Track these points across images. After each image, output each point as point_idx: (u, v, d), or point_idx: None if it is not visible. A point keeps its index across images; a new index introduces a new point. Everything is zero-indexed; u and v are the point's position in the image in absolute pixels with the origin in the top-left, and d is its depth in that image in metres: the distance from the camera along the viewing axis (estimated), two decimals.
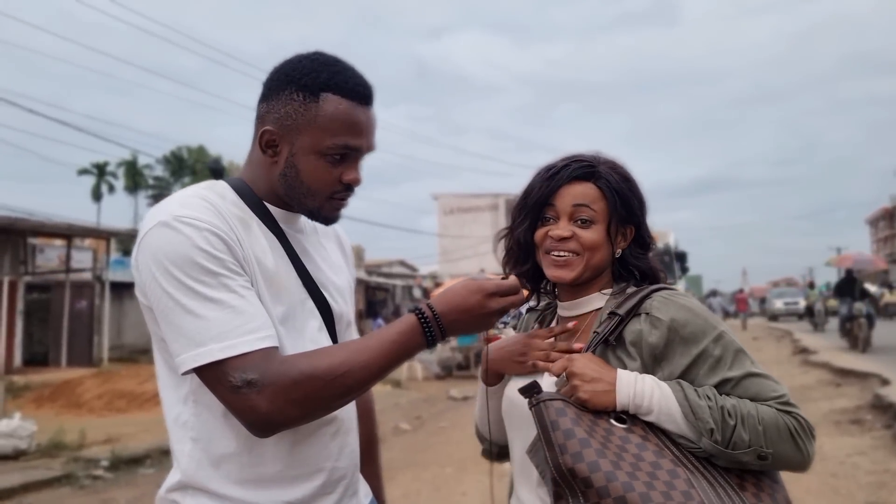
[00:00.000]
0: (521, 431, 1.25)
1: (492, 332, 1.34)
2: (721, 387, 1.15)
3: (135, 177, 50.76)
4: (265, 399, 1.01)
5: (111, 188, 53.46)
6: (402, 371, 13.36)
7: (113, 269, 17.03)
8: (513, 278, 1.21)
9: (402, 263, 33.74)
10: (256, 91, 1.23)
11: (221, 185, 1.22)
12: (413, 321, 1.12)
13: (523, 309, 1.48)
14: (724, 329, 1.19)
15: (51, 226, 15.16)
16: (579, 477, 1.03)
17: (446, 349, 14.79)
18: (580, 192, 1.25)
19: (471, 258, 30.74)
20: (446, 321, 1.12)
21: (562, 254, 1.25)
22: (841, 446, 6.21)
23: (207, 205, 1.12)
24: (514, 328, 1.54)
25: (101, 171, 51.87)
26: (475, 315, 1.13)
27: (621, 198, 1.26)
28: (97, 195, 52.40)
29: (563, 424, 1.07)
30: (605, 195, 1.25)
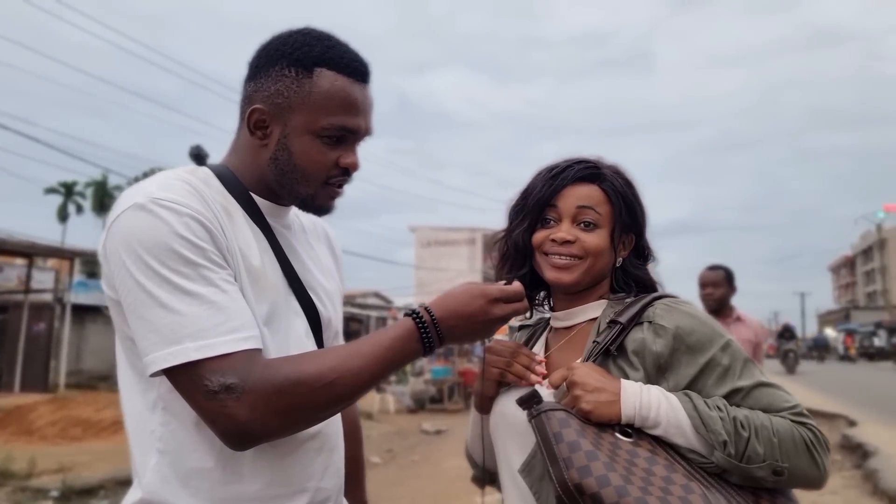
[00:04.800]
0: (513, 448, 1.16)
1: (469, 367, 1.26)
2: (731, 397, 1.08)
3: (103, 198, 49.97)
4: (245, 407, 0.90)
5: (79, 208, 52.34)
6: (373, 403, 13.10)
7: (76, 291, 16.52)
8: (517, 284, 1.11)
9: (377, 295, 33.54)
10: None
11: (204, 171, 1.10)
12: (410, 326, 1.02)
13: (514, 324, 1.40)
14: (730, 338, 1.13)
15: (12, 243, 14.68)
16: (587, 493, 0.93)
17: (419, 382, 14.56)
18: (585, 194, 1.19)
19: None
20: (445, 327, 1.03)
21: (563, 257, 1.17)
22: None
23: (190, 188, 1.01)
24: None
25: (68, 190, 50.93)
26: (477, 322, 1.04)
27: (626, 203, 1.21)
28: (63, 215, 51.35)
29: (568, 436, 0.98)
30: (611, 199, 1.19)
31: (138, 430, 1.03)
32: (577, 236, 1.17)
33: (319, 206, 1.13)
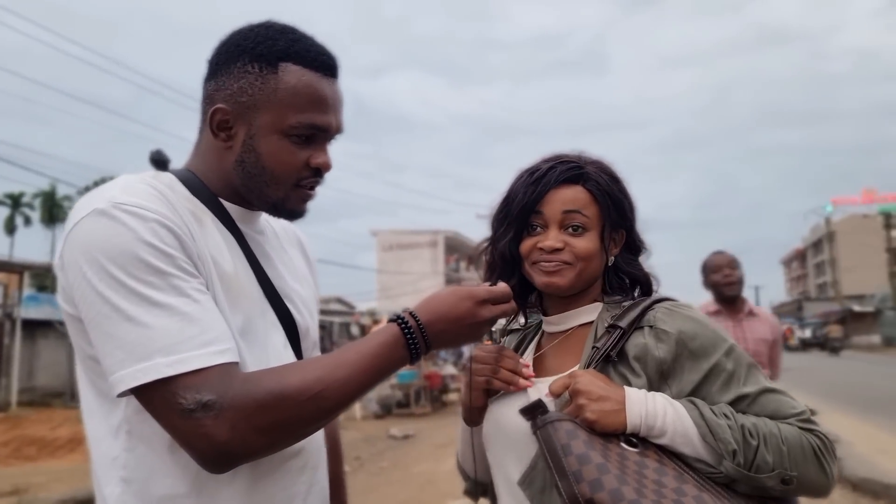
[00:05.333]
0: (510, 459, 1.12)
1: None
2: (736, 404, 1.05)
3: (52, 208, 48.32)
4: (224, 425, 0.84)
5: (27, 220, 50.47)
6: None
7: (26, 305, 15.89)
8: (503, 284, 1.08)
9: (340, 300, 33.22)
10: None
11: (168, 176, 1.04)
12: (395, 332, 0.97)
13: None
14: (733, 342, 1.10)
15: None
16: None
17: (385, 386, 14.48)
18: (570, 197, 1.15)
19: (410, 294, 30.70)
20: (432, 332, 0.98)
21: (552, 262, 1.14)
22: None
23: (155, 192, 0.95)
24: (455, 365, 1.43)
25: (15, 202, 49.13)
26: (464, 325, 1.00)
27: (613, 201, 1.17)
28: (11, 228, 49.51)
29: (576, 448, 0.94)
30: (597, 199, 1.15)
31: (100, 457, 0.96)
32: (565, 242, 1.14)
33: (291, 209, 1.07)
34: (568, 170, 1.16)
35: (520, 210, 1.16)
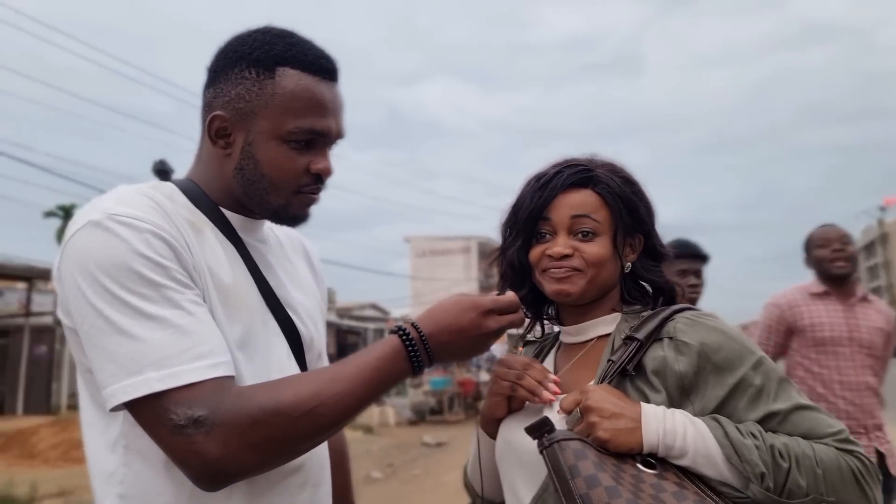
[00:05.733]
0: (521, 480, 1.07)
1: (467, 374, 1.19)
2: (766, 422, 0.97)
3: None
4: (216, 442, 0.81)
5: None
6: (373, 416, 13.05)
7: None
8: (511, 294, 1.03)
9: (374, 307, 33.43)
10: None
11: (168, 186, 1.03)
12: (396, 344, 0.93)
13: (496, 351, 1.30)
14: (762, 354, 1.02)
15: (10, 268, 14.66)
16: None
17: (419, 393, 14.52)
18: (578, 201, 1.10)
19: None
20: (435, 344, 0.94)
21: (562, 269, 1.09)
22: None
23: (151, 203, 0.93)
24: (489, 371, 1.38)
25: (66, 213, 50.75)
26: (469, 336, 0.96)
27: (626, 203, 1.11)
28: (62, 238, 51.08)
29: (585, 469, 0.88)
30: (608, 202, 1.10)
31: (98, 472, 0.94)
32: (574, 248, 1.08)
33: (293, 215, 1.05)
34: (575, 173, 1.11)
35: (527, 217, 1.11)
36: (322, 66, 1.02)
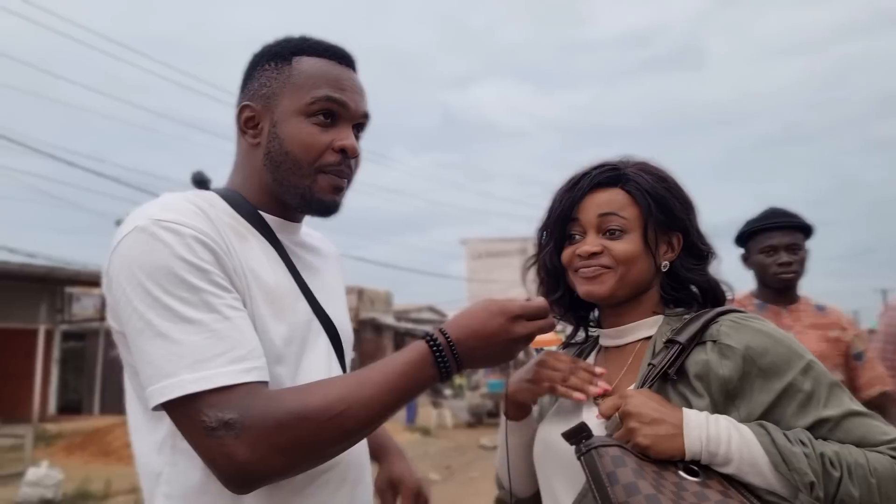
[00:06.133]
0: (561, 483, 1.05)
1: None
2: (816, 429, 0.93)
3: None
4: (245, 445, 0.82)
5: None
6: (431, 418, 13.09)
7: None
8: (540, 299, 1.01)
9: (431, 309, 33.61)
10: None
11: (209, 194, 1.05)
12: (423, 350, 0.93)
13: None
14: (812, 358, 0.98)
15: (87, 274, 15.43)
16: None
17: (476, 396, 14.50)
18: (605, 200, 1.10)
19: None
20: (463, 349, 0.93)
21: (591, 267, 1.09)
22: None
23: (195, 209, 0.96)
24: None
25: None
26: (497, 342, 0.94)
27: (656, 200, 1.09)
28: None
29: (624, 477, 0.85)
30: (636, 199, 1.09)
31: (147, 473, 0.96)
32: (603, 246, 1.08)
33: (320, 199, 1.05)
34: (602, 173, 1.11)
35: (557, 218, 1.13)
36: (336, 52, 1.07)
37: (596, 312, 1.21)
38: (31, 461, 8.06)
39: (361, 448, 1.10)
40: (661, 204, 1.09)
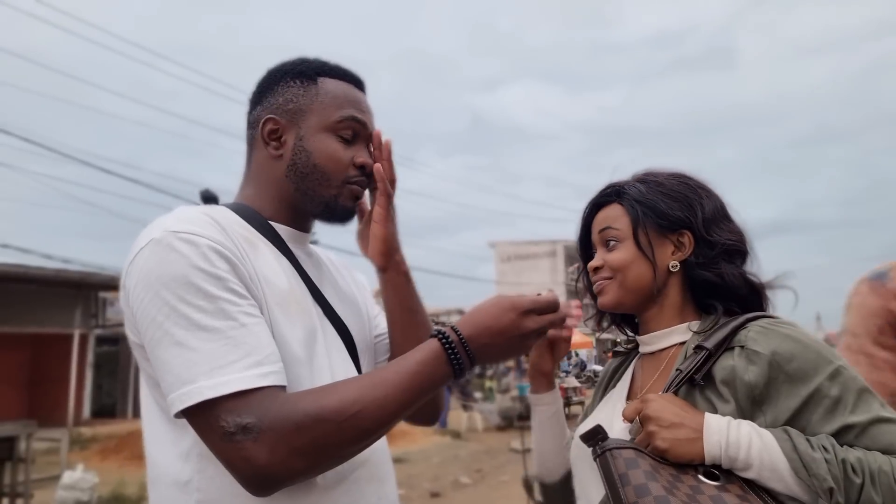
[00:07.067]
0: (593, 483, 1.06)
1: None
2: (842, 435, 0.93)
3: None
4: (264, 448, 0.84)
5: None
6: (461, 422, 13.03)
7: None
8: (551, 293, 1.04)
9: (461, 312, 33.67)
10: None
11: (220, 208, 1.08)
12: (436, 347, 0.94)
13: (584, 356, 1.33)
14: (842, 363, 0.97)
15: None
16: None
17: (506, 399, 14.40)
18: (603, 216, 1.18)
19: None
20: (475, 345, 0.95)
21: (597, 281, 1.17)
22: None
23: (209, 220, 0.98)
24: (578, 377, 1.43)
25: None
26: (509, 337, 0.96)
27: (645, 204, 1.13)
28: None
29: (635, 478, 0.88)
30: (628, 210, 1.15)
31: (170, 483, 0.97)
32: (604, 259, 1.16)
33: (342, 206, 1.12)
34: (601, 194, 1.20)
35: (579, 243, 1.25)
36: (354, 77, 1.16)
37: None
38: (66, 465, 8.18)
39: (385, 446, 1.14)
40: (651, 207, 1.12)
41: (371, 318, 1.28)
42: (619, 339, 1.32)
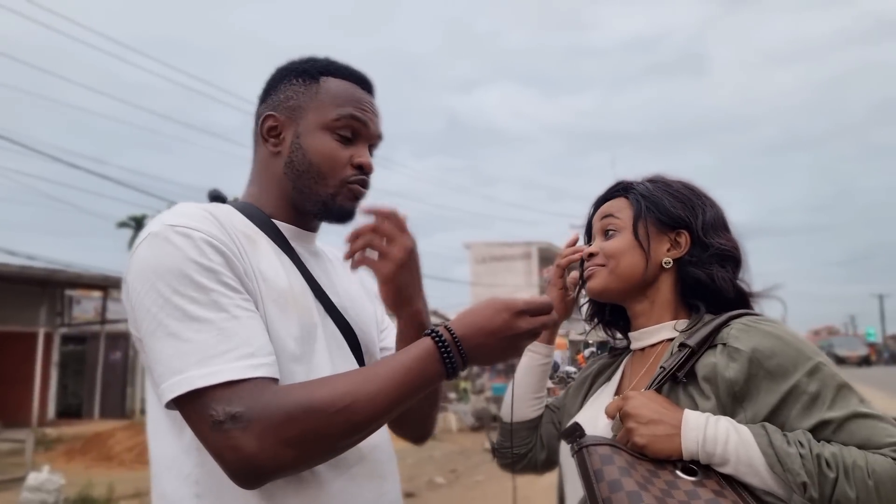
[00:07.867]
0: (579, 486, 1.04)
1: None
2: (819, 431, 0.94)
3: None
4: (252, 437, 0.84)
5: None
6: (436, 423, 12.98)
7: None
8: (545, 296, 1.06)
9: (435, 313, 33.63)
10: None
11: (224, 206, 1.08)
12: (429, 346, 0.94)
13: (558, 358, 1.39)
14: (821, 360, 0.98)
15: (87, 277, 15.42)
16: None
17: (481, 399, 14.43)
18: (607, 207, 1.21)
19: None
20: (468, 346, 0.94)
21: (589, 267, 1.19)
22: None
23: (207, 215, 0.99)
24: (551, 378, 1.44)
25: (138, 223, 53.44)
26: (502, 337, 0.95)
27: (650, 200, 1.16)
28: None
29: (609, 474, 0.89)
30: (632, 202, 1.17)
31: (171, 477, 0.97)
32: (600, 246, 1.17)
33: (341, 206, 1.10)
34: (612, 189, 1.22)
35: (585, 234, 1.28)
36: (359, 76, 1.14)
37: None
38: (31, 466, 7.97)
39: (388, 444, 1.12)
40: (655, 203, 1.15)
41: (379, 321, 1.27)
42: (591, 341, 1.37)
